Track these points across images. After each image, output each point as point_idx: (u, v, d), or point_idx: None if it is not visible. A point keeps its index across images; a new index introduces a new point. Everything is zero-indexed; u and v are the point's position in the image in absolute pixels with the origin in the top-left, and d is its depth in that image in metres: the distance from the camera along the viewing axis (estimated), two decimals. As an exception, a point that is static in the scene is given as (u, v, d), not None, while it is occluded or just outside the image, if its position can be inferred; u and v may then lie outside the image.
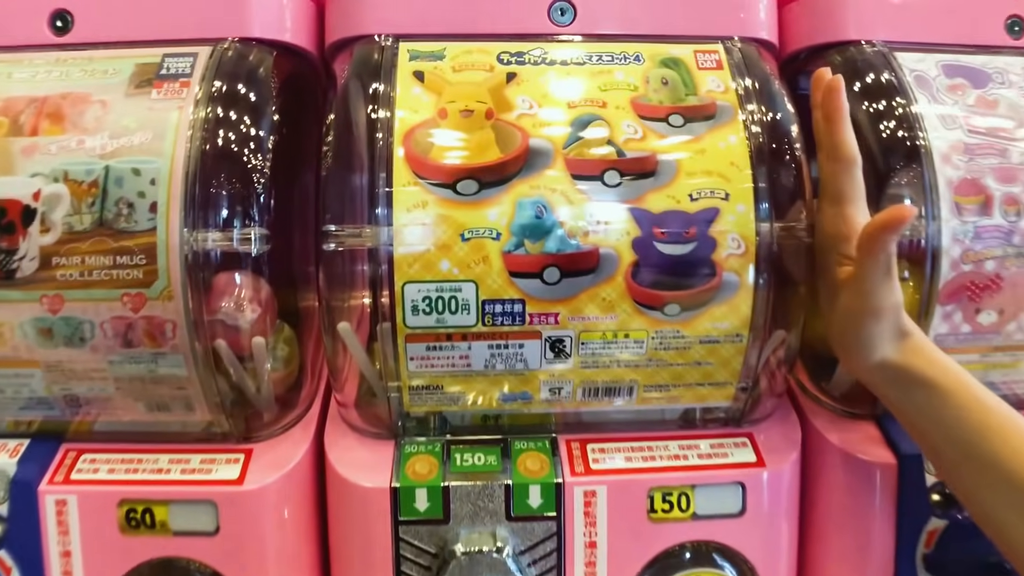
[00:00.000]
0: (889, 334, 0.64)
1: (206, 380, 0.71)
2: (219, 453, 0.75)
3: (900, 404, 0.66)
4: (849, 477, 0.77)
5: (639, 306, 0.68)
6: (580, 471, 0.72)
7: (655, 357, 0.71)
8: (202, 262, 0.68)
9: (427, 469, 0.72)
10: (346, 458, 0.74)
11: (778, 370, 0.76)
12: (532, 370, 0.70)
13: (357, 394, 0.77)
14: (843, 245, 0.67)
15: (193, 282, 0.68)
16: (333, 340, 0.72)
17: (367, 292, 0.68)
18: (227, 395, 0.74)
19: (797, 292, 0.72)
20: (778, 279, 0.70)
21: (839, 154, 0.66)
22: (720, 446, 0.76)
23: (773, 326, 0.72)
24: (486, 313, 0.67)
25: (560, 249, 0.66)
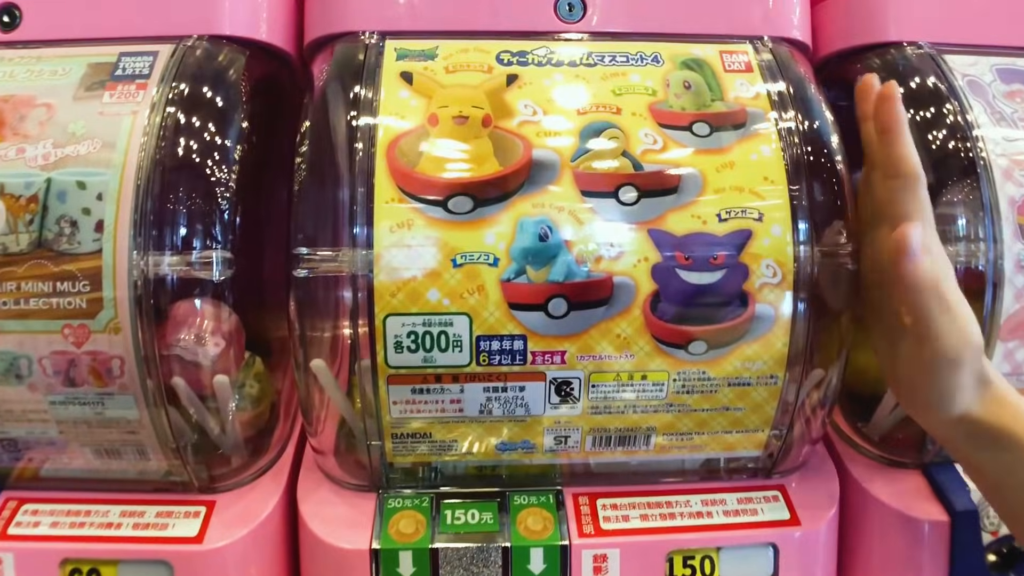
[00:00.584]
0: (969, 383, 0.55)
1: (160, 423, 0.62)
2: (177, 505, 0.66)
3: (980, 463, 0.57)
4: (894, 536, 0.68)
5: (659, 343, 0.59)
6: (589, 531, 0.63)
7: (677, 402, 0.61)
8: (155, 290, 0.59)
9: (413, 528, 0.62)
10: (321, 513, 0.64)
11: (815, 414, 0.66)
12: (534, 416, 0.61)
13: (336, 439, 0.67)
14: None
15: (144, 313, 0.59)
16: (306, 378, 0.62)
17: (345, 324, 0.59)
18: (188, 438, 0.65)
19: (839, 325, 0.63)
20: (818, 311, 0.61)
21: (901, 170, 0.57)
22: (748, 501, 0.66)
23: (812, 365, 0.63)
24: (481, 351, 0.58)
25: (567, 277, 0.57)
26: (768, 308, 0.59)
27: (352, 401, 0.63)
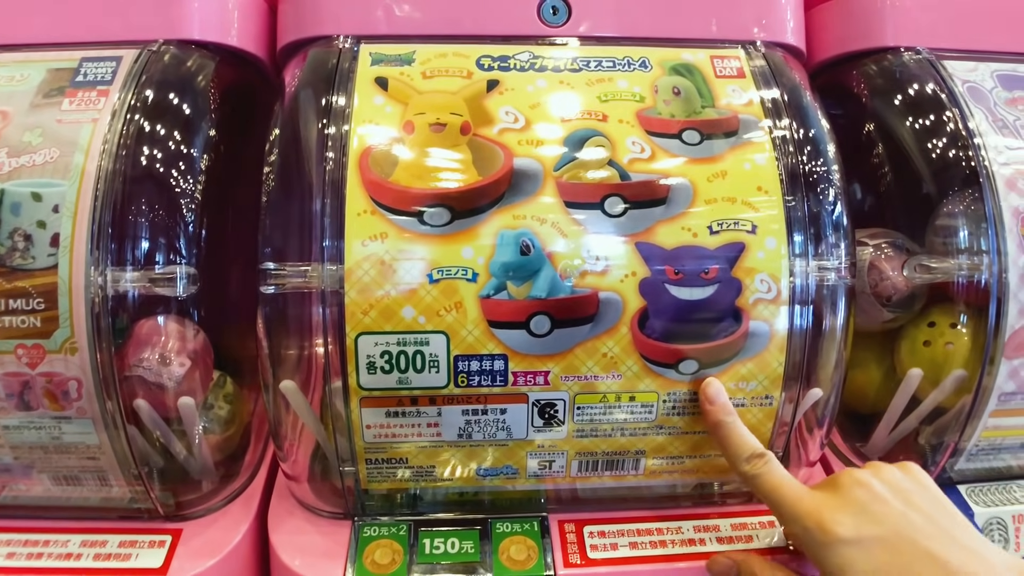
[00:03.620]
0: None
1: (121, 448, 0.59)
2: (141, 534, 0.62)
3: None
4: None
5: (648, 363, 0.56)
6: (576, 561, 0.59)
7: (667, 424, 0.58)
8: (115, 307, 0.56)
9: (389, 558, 0.59)
10: (293, 543, 0.61)
11: (812, 435, 0.63)
12: (517, 440, 0.58)
13: (309, 464, 0.64)
14: None
15: (102, 332, 0.55)
16: (276, 400, 0.59)
17: (316, 343, 0.55)
18: (154, 463, 0.62)
19: (837, 342, 0.60)
20: (815, 327, 0.58)
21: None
22: (743, 527, 0.63)
23: (809, 384, 0.59)
24: (460, 372, 0.54)
25: (551, 293, 0.54)
26: (763, 325, 0.56)
27: (325, 424, 0.59)
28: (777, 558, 0.58)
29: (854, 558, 0.49)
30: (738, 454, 0.56)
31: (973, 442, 0.67)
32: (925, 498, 0.52)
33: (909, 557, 0.48)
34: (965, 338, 0.65)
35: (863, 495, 0.51)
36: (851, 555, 0.49)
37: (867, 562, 0.49)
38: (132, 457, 0.60)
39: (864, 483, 0.52)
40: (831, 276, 0.58)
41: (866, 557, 0.49)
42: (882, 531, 0.50)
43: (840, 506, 0.51)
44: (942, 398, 0.67)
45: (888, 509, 0.51)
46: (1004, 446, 0.68)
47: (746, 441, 0.56)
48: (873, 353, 0.73)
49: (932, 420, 0.69)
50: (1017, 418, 0.65)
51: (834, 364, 0.60)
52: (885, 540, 0.49)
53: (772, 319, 0.56)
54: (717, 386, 0.57)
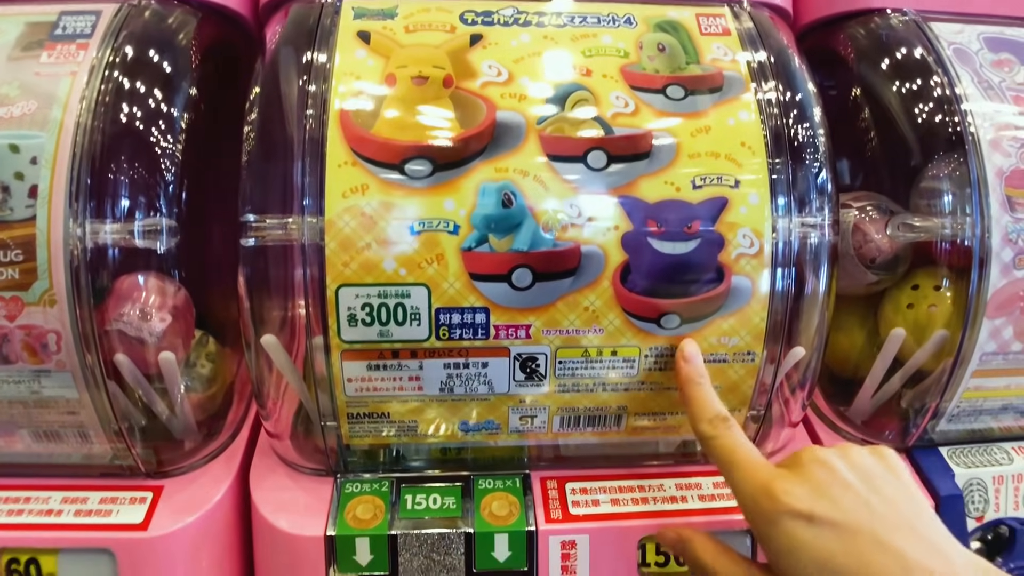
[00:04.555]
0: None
1: (101, 404, 0.59)
2: (122, 491, 0.62)
3: None
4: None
5: (630, 317, 0.55)
6: (557, 517, 0.59)
7: (649, 380, 0.58)
8: (94, 260, 0.56)
9: (371, 514, 0.59)
10: (274, 499, 0.61)
11: (795, 396, 0.63)
12: (498, 395, 0.58)
13: (292, 423, 0.64)
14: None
15: (82, 284, 0.55)
16: (258, 356, 0.59)
17: (297, 297, 0.55)
18: (135, 421, 0.61)
19: (820, 300, 0.60)
20: (798, 284, 0.58)
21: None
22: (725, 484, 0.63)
23: (791, 342, 0.59)
24: (441, 324, 0.54)
25: (532, 246, 0.54)
26: (745, 280, 0.56)
27: (307, 381, 0.59)
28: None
29: (803, 538, 0.46)
30: (701, 414, 0.54)
31: (954, 403, 0.67)
32: (892, 486, 0.48)
33: (864, 547, 0.45)
34: (948, 300, 0.65)
35: (823, 475, 0.48)
36: (799, 534, 0.46)
37: (817, 545, 0.45)
38: (113, 413, 0.60)
39: (827, 463, 0.48)
40: (814, 233, 0.58)
41: (816, 539, 0.46)
42: (838, 515, 0.46)
43: (796, 479, 0.48)
44: (924, 359, 0.67)
45: (849, 493, 0.47)
46: (984, 408, 0.68)
47: (712, 402, 0.55)
48: (856, 317, 0.74)
49: (914, 383, 0.69)
50: (998, 379, 0.66)
51: (817, 322, 0.60)
52: (840, 525, 0.46)
53: (754, 275, 0.56)
54: (694, 347, 0.57)
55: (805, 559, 0.46)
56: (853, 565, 0.45)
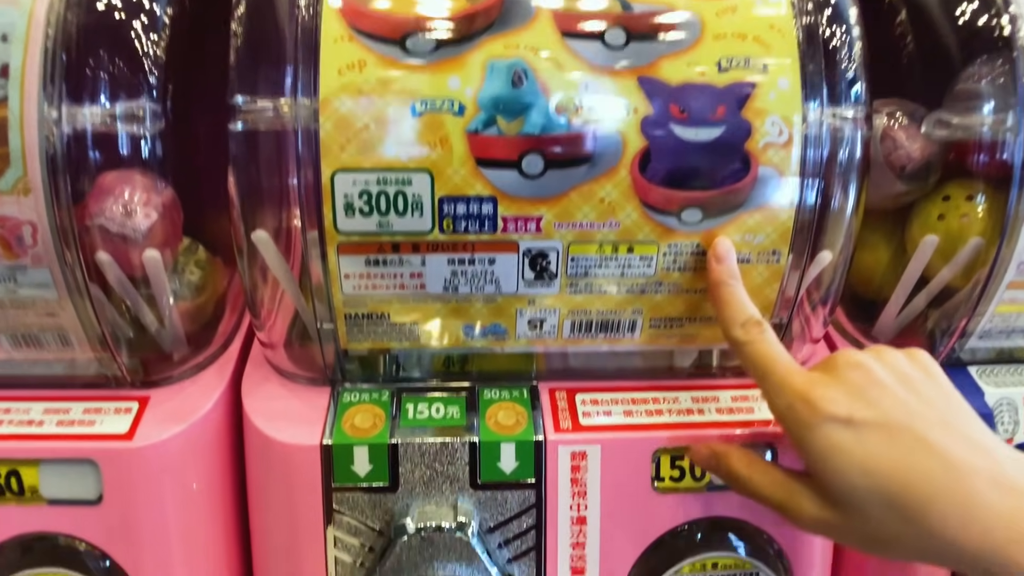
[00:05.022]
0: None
1: (82, 307, 0.55)
2: (107, 401, 0.58)
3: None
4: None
5: (648, 210, 0.52)
6: (567, 427, 0.56)
7: (667, 281, 0.54)
8: (71, 147, 0.51)
9: (370, 422, 0.55)
10: (267, 408, 0.58)
11: (816, 312, 0.59)
12: (506, 295, 0.54)
13: (287, 333, 0.60)
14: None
15: (58, 172, 0.51)
16: (250, 261, 0.55)
17: (290, 187, 0.51)
18: (120, 331, 0.58)
19: (850, 199, 0.56)
20: (828, 179, 0.54)
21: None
22: (744, 399, 0.60)
23: (818, 245, 0.55)
24: (445, 215, 0.50)
25: (544, 130, 0.50)
26: (772, 171, 0.52)
27: (302, 282, 0.55)
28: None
29: (843, 441, 0.44)
30: (734, 317, 0.51)
31: (987, 319, 0.63)
32: (930, 386, 0.47)
33: (907, 447, 0.44)
34: (981, 209, 0.61)
35: (860, 377, 0.46)
36: (839, 437, 0.44)
37: (858, 448, 0.44)
38: (96, 318, 0.56)
39: (862, 364, 0.47)
40: (847, 127, 0.54)
41: (857, 441, 0.44)
42: (878, 416, 0.45)
43: (833, 384, 0.46)
44: (956, 272, 0.63)
45: (887, 394, 0.45)
46: (1018, 326, 0.65)
47: (745, 306, 0.52)
48: (881, 233, 0.70)
49: (941, 303, 0.66)
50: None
51: (847, 224, 0.57)
52: (881, 426, 0.44)
53: (782, 166, 0.52)
54: (728, 246, 0.53)
55: (846, 463, 0.44)
56: (896, 466, 0.43)
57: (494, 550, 0.56)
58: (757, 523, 0.59)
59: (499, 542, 0.56)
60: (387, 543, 0.55)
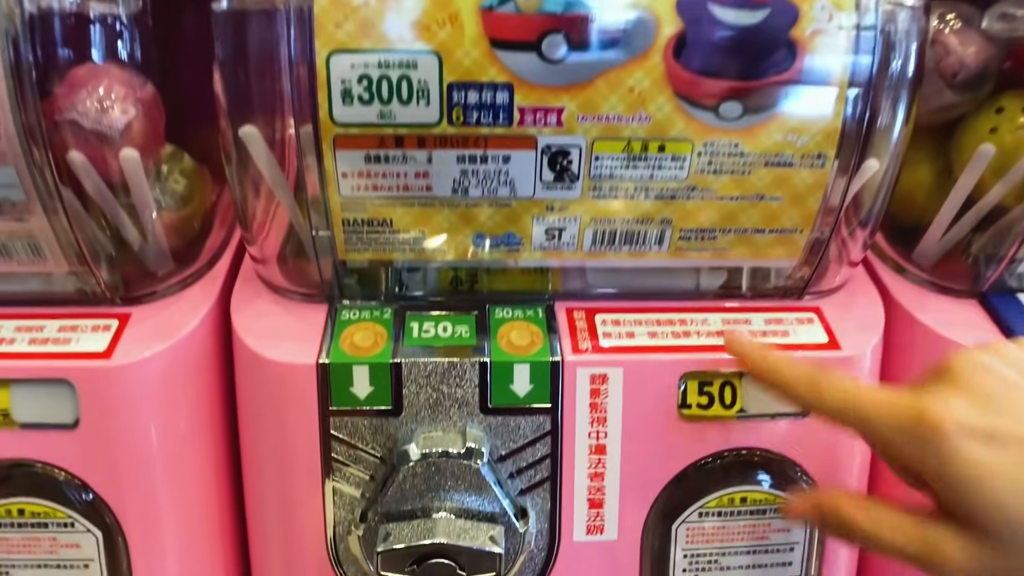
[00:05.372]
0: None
1: (54, 210, 0.50)
2: (84, 319, 0.53)
3: None
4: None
5: (683, 102, 0.46)
6: (586, 348, 0.51)
7: (701, 184, 0.49)
8: (36, 28, 0.46)
9: (371, 341, 0.51)
10: (259, 325, 0.53)
11: (855, 236, 0.54)
12: (521, 199, 0.48)
13: (281, 249, 0.55)
14: None
15: (21, 58, 0.45)
16: (239, 163, 0.50)
17: (282, 74, 0.46)
18: (99, 245, 0.53)
19: (902, 101, 0.50)
20: (880, 75, 0.48)
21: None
22: (778, 322, 0.55)
23: (866, 152, 0.50)
24: (454, 104, 0.45)
25: (568, 8, 0.44)
26: (820, 62, 0.46)
27: (298, 188, 0.50)
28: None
29: (987, 461, 0.37)
30: (792, 379, 0.44)
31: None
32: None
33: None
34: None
35: (987, 381, 0.39)
36: (982, 456, 0.37)
37: (1009, 466, 0.36)
38: (69, 224, 0.51)
39: (985, 365, 0.39)
40: (903, 15, 0.48)
41: (1004, 459, 0.37)
42: (1019, 423, 0.37)
43: (954, 393, 0.38)
44: (1007, 190, 0.58)
45: (1020, 395, 0.38)
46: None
47: (794, 364, 0.45)
48: (925, 151, 0.64)
49: (989, 225, 0.61)
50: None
51: (898, 127, 0.51)
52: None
53: (831, 57, 0.46)
54: (740, 336, 0.49)
55: (998, 486, 0.37)
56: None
57: (505, 480, 0.51)
58: (790, 455, 0.55)
59: (511, 472, 0.52)
60: (389, 471, 0.50)
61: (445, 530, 0.48)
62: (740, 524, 0.55)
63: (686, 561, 0.55)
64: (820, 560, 0.58)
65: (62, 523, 0.53)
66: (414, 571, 0.48)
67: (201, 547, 0.57)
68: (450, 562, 0.48)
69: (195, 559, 0.56)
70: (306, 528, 0.53)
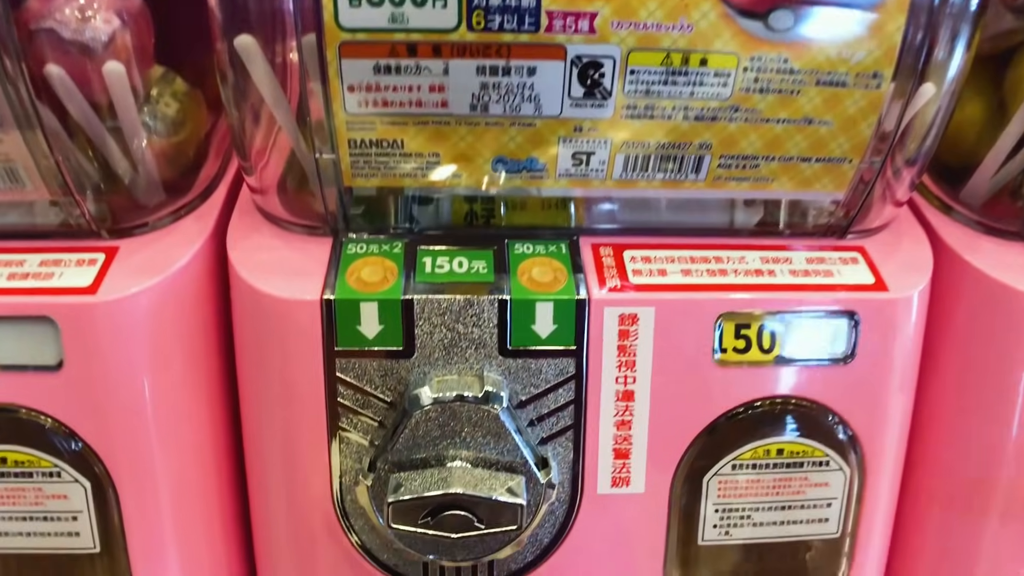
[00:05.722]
0: None
1: (30, 130, 0.45)
2: (68, 252, 0.49)
3: None
4: (994, 311, 0.53)
5: (729, 9, 0.41)
6: (615, 285, 0.47)
7: (745, 105, 0.44)
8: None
9: (380, 276, 0.46)
10: (257, 260, 0.48)
11: (900, 177, 0.50)
12: (547, 118, 0.44)
13: (282, 178, 0.50)
14: None
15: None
16: (235, 82, 0.45)
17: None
18: (80, 166, 0.48)
19: (967, 19, 0.45)
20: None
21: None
22: (820, 260, 0.51)
23: (925, 74, 0.45)
24: (475, 7, 0.40)
25: None
26: (883, -34, 0.41)
27: (300, 108, 0.45)
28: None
29: None
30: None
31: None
32: None
33: None
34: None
35: None
36: None
37: None
38: (48, 147, 0.46)
39: None
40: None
41: None
42: None
43: None
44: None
45: None
46: None
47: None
48: (978, 86, 0.59)
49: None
50: None
51: (960, 50, 0.46)
52: None
53: (895, -40, 0.41)
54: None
55: None
56: None
57: (525, 428, 0.48)
58: (831, 405, 0.51)
59: (531, 419, 0.48)
60: (400, 417, 0.46)
61: (461, 480, 0.44)
62: (775, 477, 0.52)
63: (717, 516, 0.52)
64: (858, 517, 0.54)
65: (48, 473, 0.50)
66: (428, 524, 0.44)
67: (197, 498, 0.53)
68: (467, 514, 0.44)
69: (191, 511, 0.53)
70: (310, 478, 0.49)
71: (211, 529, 0.55)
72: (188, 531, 0.53)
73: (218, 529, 0.55)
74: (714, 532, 0.52)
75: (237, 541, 0.57)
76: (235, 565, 0.57)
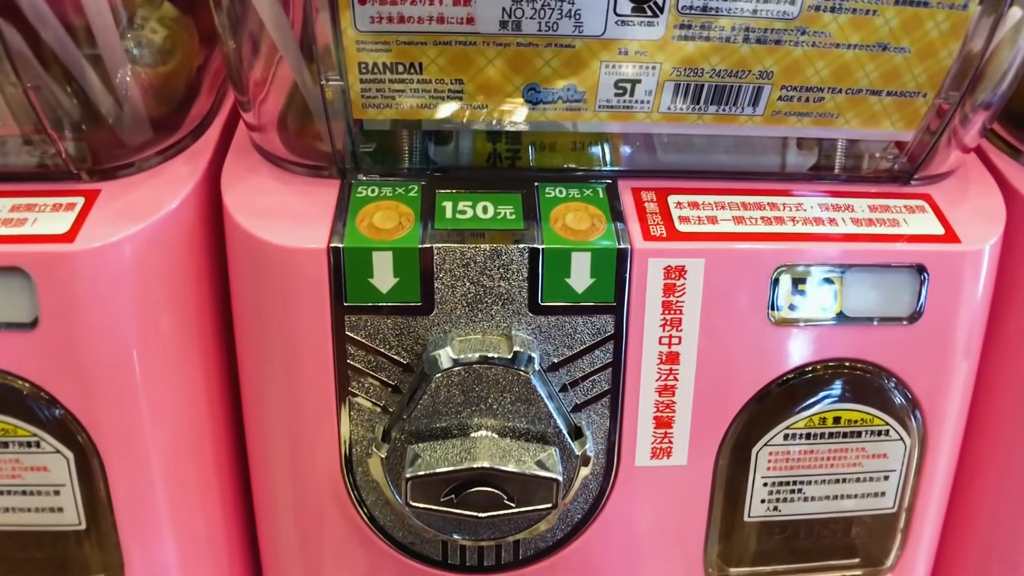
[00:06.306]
0: None
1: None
2: (44, 196, 0.44)
3: None
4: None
5: (803, -93, 0.35)
6: (660, 234, 0.42)
7: (812, 27, 0.39)
8: None
9: (394, 222, 0.41)
10: (256, 204, 0.43)
11: (968, 123, 0.44)
12: (589, 39, 0.38)
13: (283, 112, 0.45)
14: None
15: None
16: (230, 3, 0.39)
17: None
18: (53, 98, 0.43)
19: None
20: None
21: None
22: (885, 209, 0.45)
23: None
24: (509, -96, 0.34)
25: None
26: None
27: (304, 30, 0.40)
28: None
29: None
30: None
31: None
32: None
33: None
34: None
35: None
36: None
37: None
38: (15, 74, 0.41)
39: None
40: None
41: None
42: None
43: None
44: None
45: None
46: None
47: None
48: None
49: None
50: None
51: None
52: None
53: None
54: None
55: None
56: None
57: (556, 394, 0.42)
58: (894, 369, 0.46)
59: (564, 383, 0.43)
60: (418, 382, 0.41)
61: (488, 452, 0.40)
62: (830, 448, 0.47)
63: (765, 490, 0.47)
64: (915, 490, 0.49)
65: (26, 442, 0.45)
66: (451, 501, 0.39)
67: (192, 470, 0.48)
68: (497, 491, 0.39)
69: (185, 484, 0.48)
70: (316, 448, 0.44)
71: (208, 503, 0.50)
72: (182, 506, 0.48)
73: (215, 503, 0.51)
74: (761, 507, 0.48)
75: (237, 517, 0.53)
76: (235, 542, 0.53)
